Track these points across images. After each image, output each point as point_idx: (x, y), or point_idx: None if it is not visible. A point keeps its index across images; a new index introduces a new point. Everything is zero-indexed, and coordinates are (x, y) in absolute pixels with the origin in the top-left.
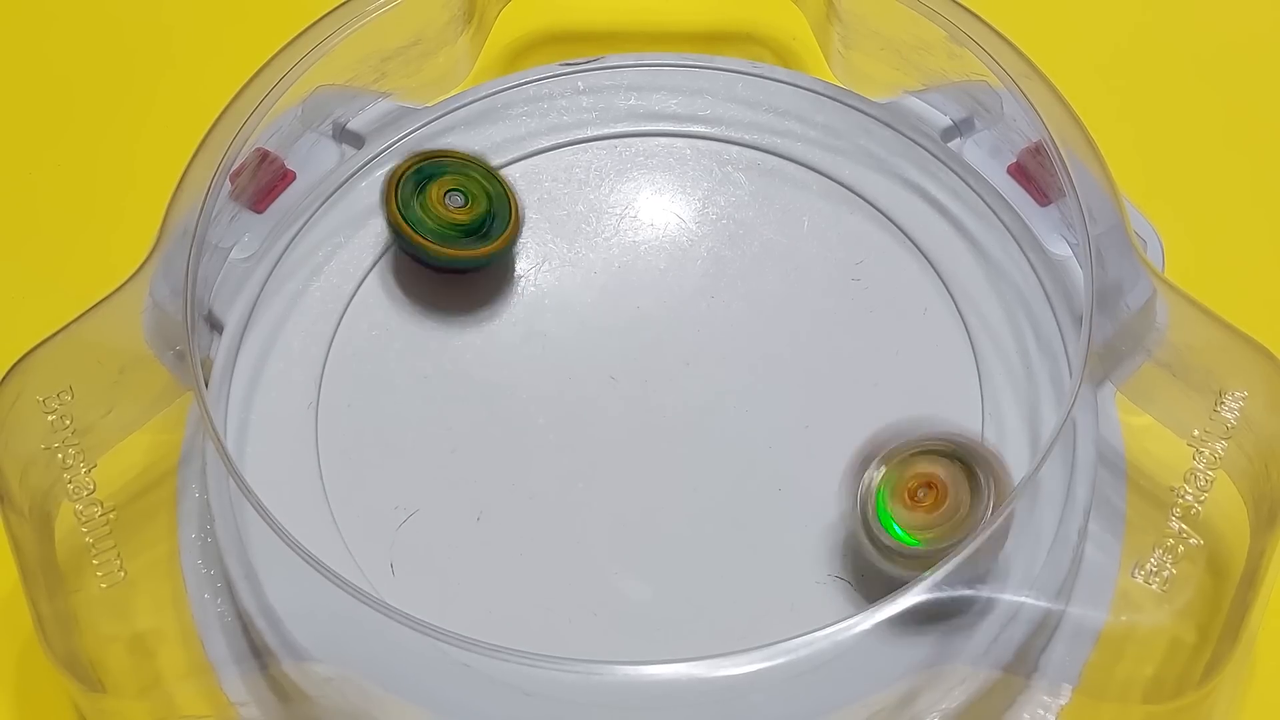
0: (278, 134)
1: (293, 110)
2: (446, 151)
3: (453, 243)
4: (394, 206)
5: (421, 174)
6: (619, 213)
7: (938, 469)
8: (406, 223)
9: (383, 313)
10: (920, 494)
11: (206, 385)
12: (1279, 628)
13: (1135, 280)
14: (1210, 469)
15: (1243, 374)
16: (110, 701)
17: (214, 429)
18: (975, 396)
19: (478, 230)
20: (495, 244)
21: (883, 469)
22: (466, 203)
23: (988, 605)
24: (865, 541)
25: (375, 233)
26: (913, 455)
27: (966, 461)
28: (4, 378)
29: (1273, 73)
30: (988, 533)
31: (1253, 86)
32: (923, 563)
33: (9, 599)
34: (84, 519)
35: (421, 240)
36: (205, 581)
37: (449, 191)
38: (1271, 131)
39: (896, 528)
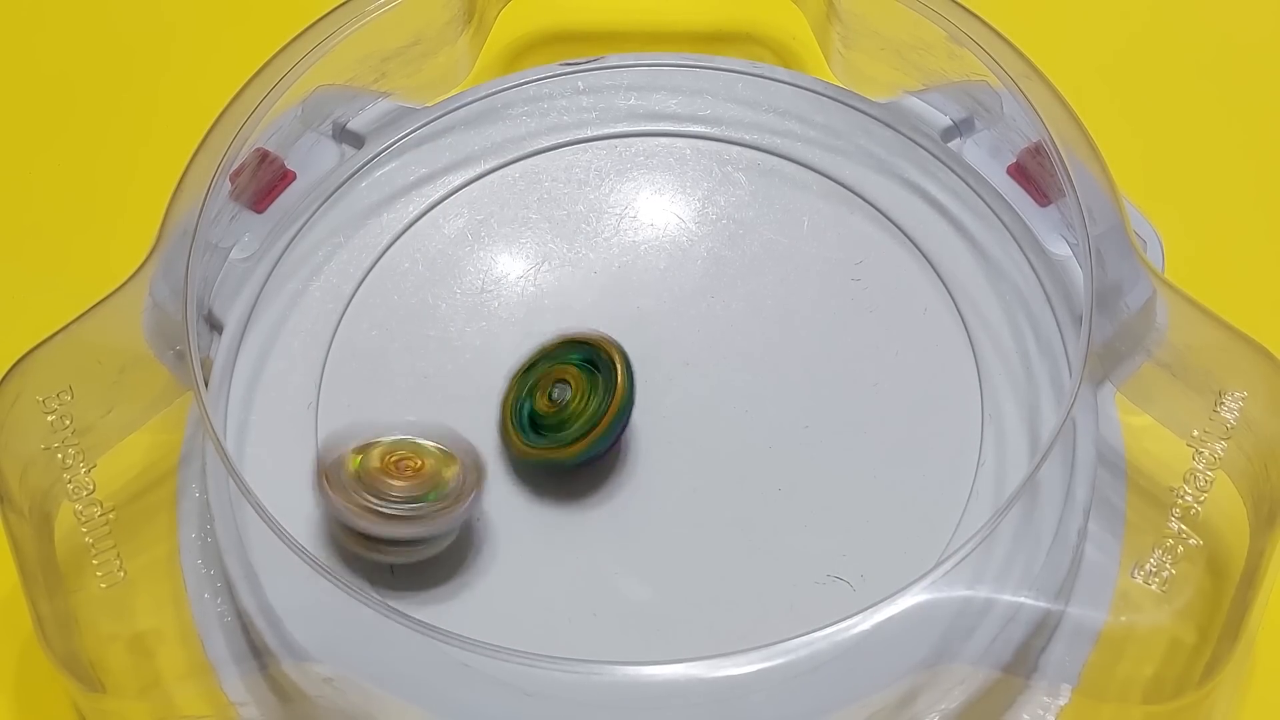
0: (278, 134)
1: (293, 110)
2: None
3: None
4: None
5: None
6: (619, 213)
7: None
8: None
9: (383, 313)
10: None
11: (206, 385)
12: (1279, 628)
13: (1135, 280)
14: (1210, 469)
15: (1242, 374)
16: (110, 701)
17: (214, 429)
18: (975, 396)
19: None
20: (583, 442)
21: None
22: (572, 392)
23: (987, 605)
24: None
25: (375, 233)
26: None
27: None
28: (4, 378)
29: (1273, 73)
30: (987, 534)
31: (1253, 86)
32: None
33: (9, 599)
34: (84, 519)
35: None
36: (205, 581)
37: (556, 383)
38: (1271, 131)
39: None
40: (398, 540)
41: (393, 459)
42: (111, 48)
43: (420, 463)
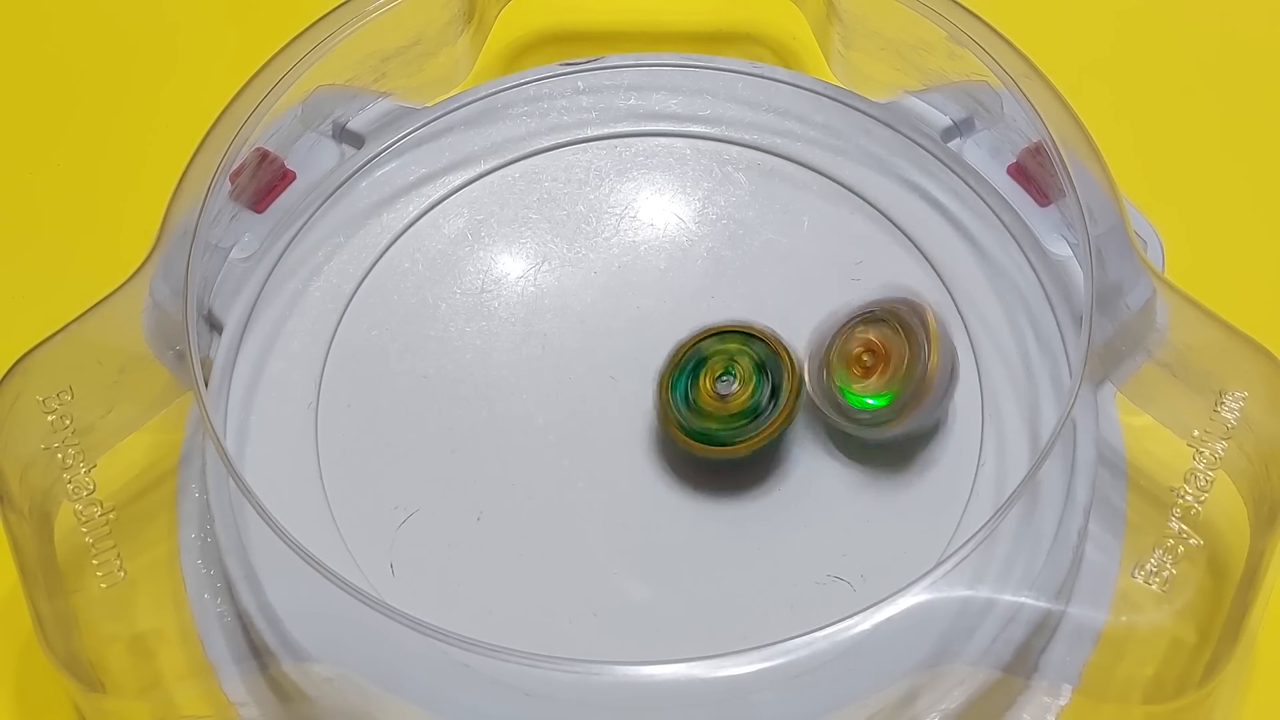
0: (278, 134)
1: (293, 110)
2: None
3: (738, 434)
4: (668, 408)
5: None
6: (619, 213)
7: (871, 334)
8: (681, 429)
9: (383, 313)
10: (866, 360)
11: (206, 385)
12: (1279, 628)
13: (1135, 280)
14: (1210, 469)
15: (1243, 374)
16: (110, 701)
17: (214, 429)
18: (975, 396)
19: (754, 413)
20: (767, 430)
21: (825, 350)
22: (737, 382)
23: (988, 605)
24: (840, 420)
25: (375, 233)
26: (850, 328)
27: (897, 320)
28: (4, 378)
29: (1272, 73)
30: (988, 534)
31: (1252, 87)
32: (887, 420)
33: (9, 599)
34: (84, 519)
35: (692, 444)
36: (205, 582)
37: (720, 376)
38: (1271, 132)
39: (859, 398)
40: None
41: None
42: (112, 48)
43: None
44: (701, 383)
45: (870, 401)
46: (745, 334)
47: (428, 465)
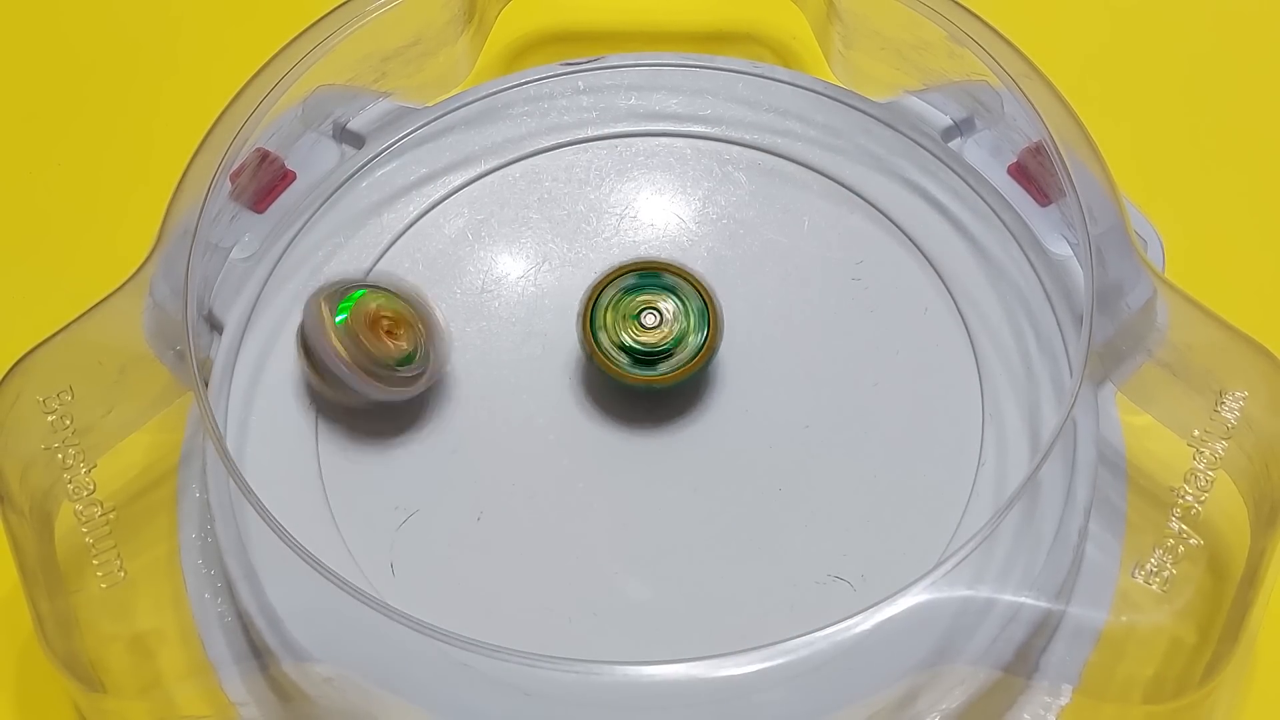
0: (278, 134)
1: (293, 110)
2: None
3: (645, 366)
4: (587, 332)
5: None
6: (619, 213)
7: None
8: (600, 350)
9: None
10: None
11: (206, 385)
12: (1279, 628)
13: (1135, 280)
14: (1210, 469)
15: (1243, 374)
16: (110, 701)
17: (214, 429)
18: (975, 396)
19: (667, 351)
20: (686, 368)
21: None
22: (659, 322)
23: (988, 605)
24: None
25: (375, 232)
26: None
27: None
28: (4, 378)
29: (1272, 73)
30: (988, 534)
31: (1252, 87)
32: None
33: (9, 599)
34: (84, 519)
35: (614, 369)
36: (205, 581)
37: (644, 310)
38: (1271, 132)
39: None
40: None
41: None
42: (112, 48)
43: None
44: (625, 311)
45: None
46: (680, 276)
47: (428, 465)
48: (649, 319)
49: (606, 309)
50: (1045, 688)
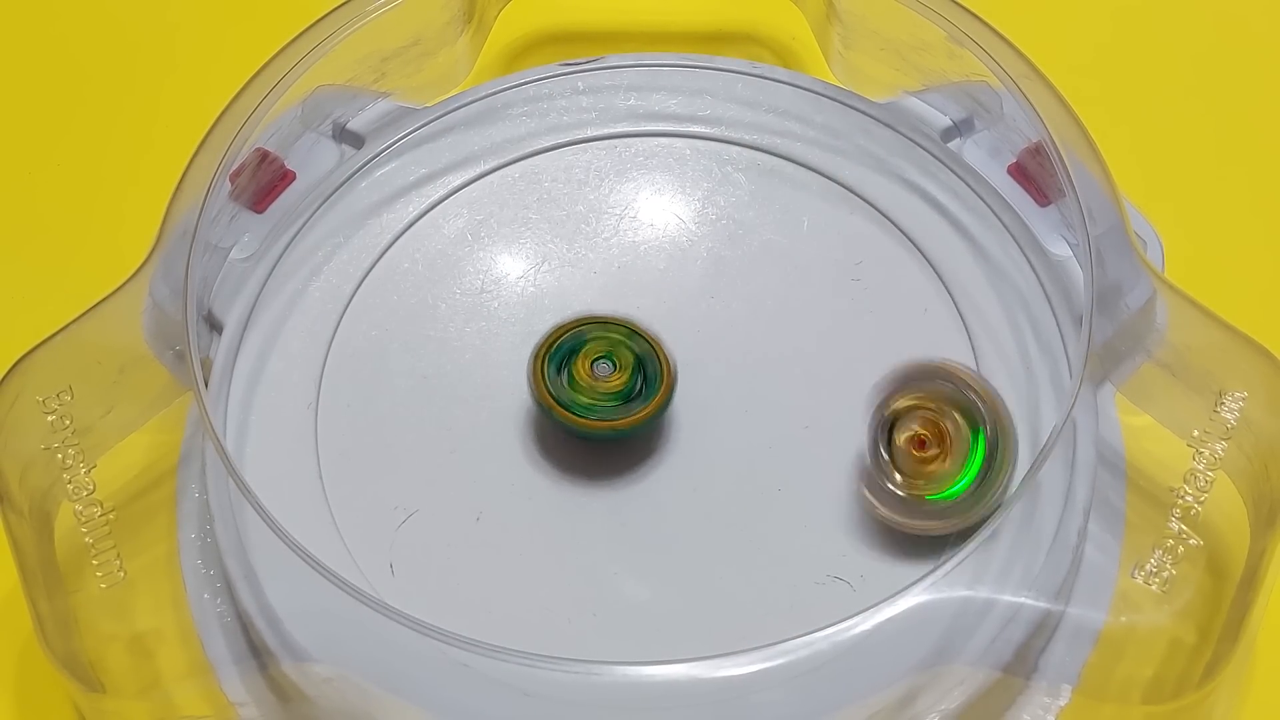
0: (278, 134)
1: (293, 110)
2: (584, 319)
3: (608, 414)
4: (542, 387)
5: (563, 348)
6: (619, 213)
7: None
8: (558, 403)
9: (383, 313)
10: (926, 445)
11: (206, 385)
12: (1279, 628)
13: (1135, 281)
14: (1210, 469)
15: (1242, 374)
16: (110, 701)
17: (213, 429)
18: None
19: (629, 396)
20: (648, 409)
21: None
22: (615, 369)
23: (987, 605)
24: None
25: (375, 233)
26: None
27: (957, 402)
28: (4, 378)
29: (1272, 73)
30: (989, 531)
31: (1252, 87)
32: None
33: (9, 599)
34: (84, 519)
35: (576, 419)
36: (205, 582)
37: (596, 360)
38: (1271, 132)
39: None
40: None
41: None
42: (112, 48)
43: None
44: (579, 362)
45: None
46: (628, 328)
47: (428, 465)
48: (601, 369)
49: (558, 370)
50: (1044, 688)
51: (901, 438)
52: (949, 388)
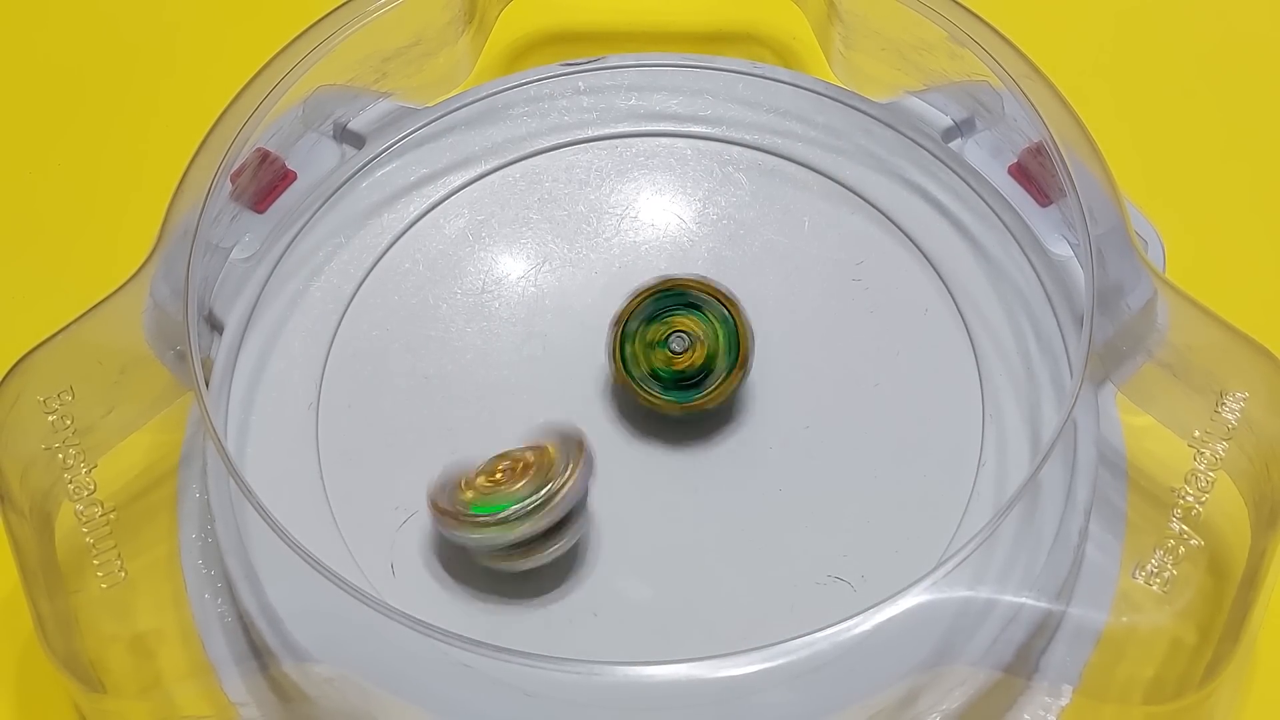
0: (278, 134)
1: (293, 110)
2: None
3: (672, 391)
4: (617, 356)
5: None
6: (620, 213)
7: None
8: (630, 376)
9: (383, 313)
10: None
11: (207, 386)
12: (1279, 629)
13: (1136, 281)
14: (1211, 470)
15: (1243, 375)
16: (110, 702)
17: (214, 429)
18: (975, 396)
19: (696, 378)
20: (712, 394)
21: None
22: (689, 347)
23: (988, 606)
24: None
25: (376, 233)
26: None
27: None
28: (4, 378)
29: (1273, 74)
30: (988, 534)
31: (1253, 88)
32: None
33: (9, 599)
34: (84, 519)
35: (655, 399)
36: (206, 582)
37: (674, 334)
38: (1272, 132)
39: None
40: (530, 540)
41: (494, 473)
42: (112, 48)
43: (518, 463)
44: (656, 356)
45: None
46: (718, 301)
47: (428, 465)
48: (676, 344)
49: (634, 340)
50: (1045, 688)
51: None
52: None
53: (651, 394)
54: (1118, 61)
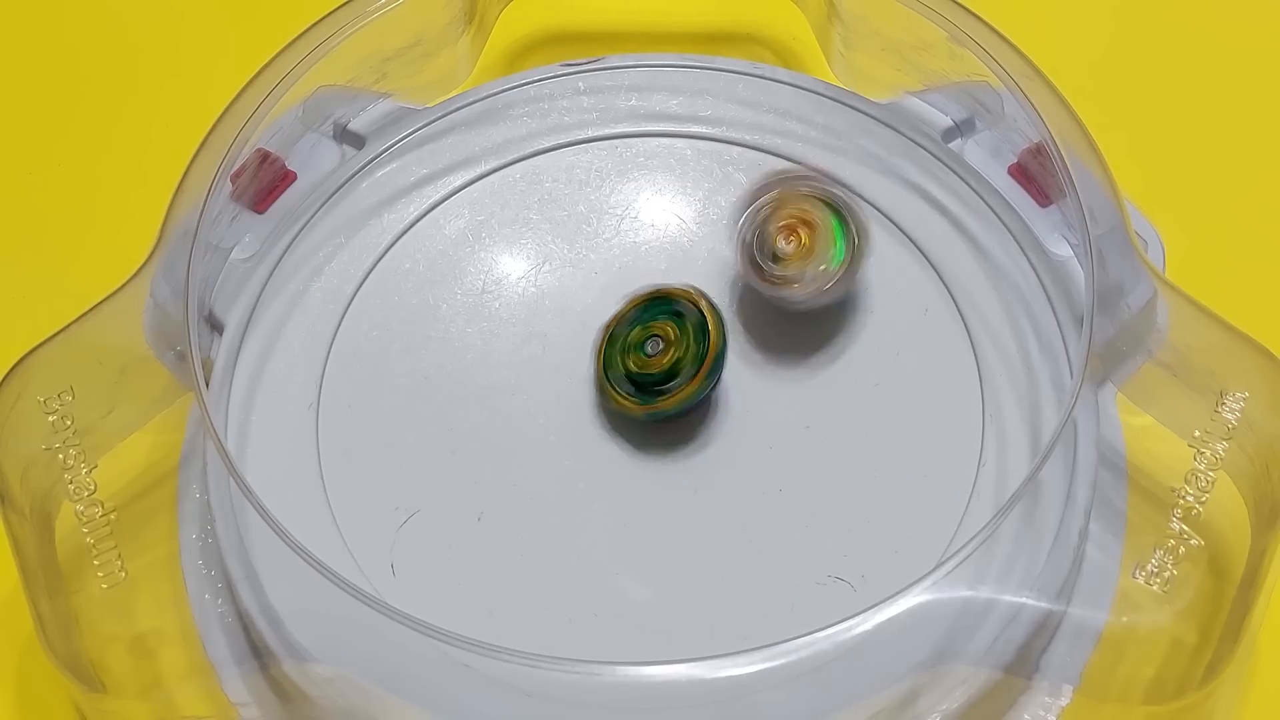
0: (278, 134)
1: (293, 111)
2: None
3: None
4: (600, 358)
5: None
6: (620, 213)
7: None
8: (611, 384)
9: (383, 313)
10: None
11: (207, 386)
12: (1279, 628)
13: (1136, 281)
14: (1211, 470)
15: (1243, 375)
16: (111, 702)
17: (214, 429)
18: (976, 396)
19: (664, 381)
20: (672, 397)
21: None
22: (661, 351)
23: (989, 606)
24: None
25: (376, 233)
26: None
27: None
28: (5, 378)
29: (1272, 74)
30: (989, 534)
31: (1252, 88)
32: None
33: (9, 599)
34: (85, 519)
35: (623, 401)
36: (206, 582)
37: (650, 338)
38: (1271, 132)
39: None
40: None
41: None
42: (113, 48)
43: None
44: (630, 359)
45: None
46: (697, 309)
47: (428, 465)
48: (650, 347)
49: (618, 344)
50: (1046, 688)
51: (773, 227)
52: (806, 186)
53: (620, 395)
54: (1118, 61)
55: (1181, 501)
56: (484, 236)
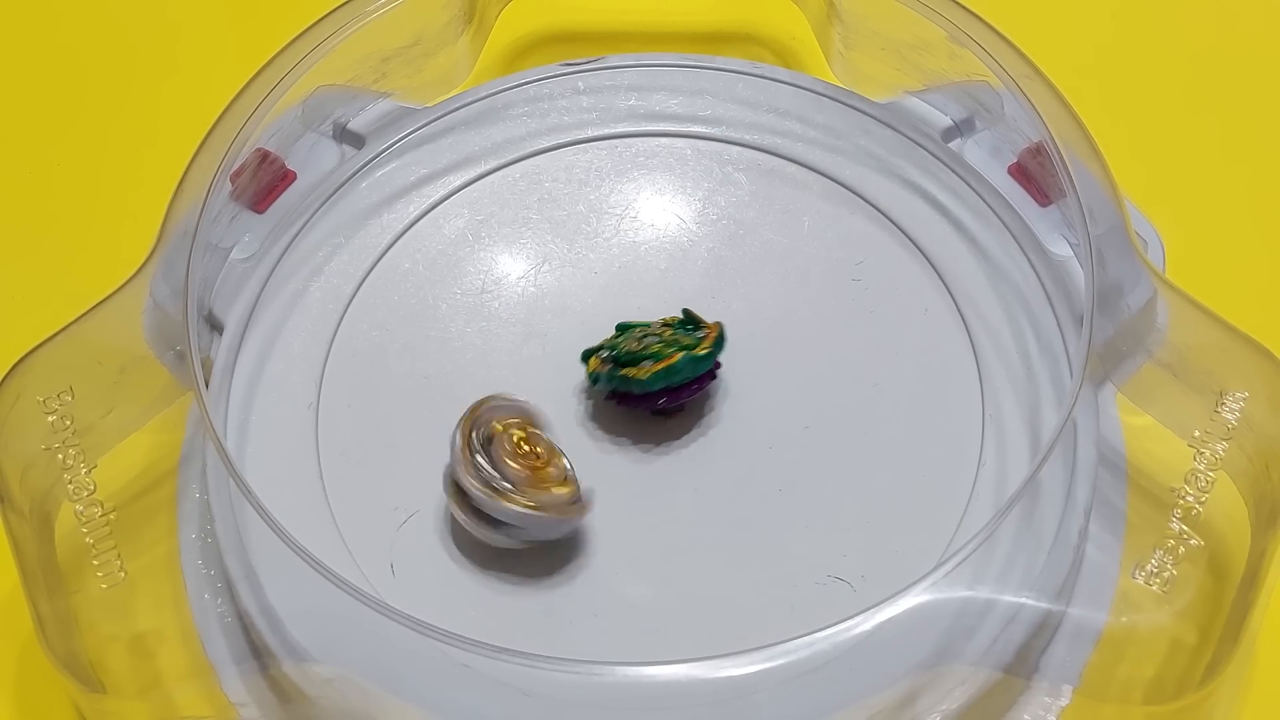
0: (278, 134)
1: (293, 110)
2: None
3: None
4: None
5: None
6: (619, 213)
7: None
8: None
9: (383, 313)
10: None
11: (207, 386)
12: (1279, 629)
13: (1136, 281)
14: (1211, 470)
15: (1243, 375)
16: (110, 702)
17: (214, 429)
18: (975, 396)
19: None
20: (643, 369)
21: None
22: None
23: (988, 606)
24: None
25: (375, 233)
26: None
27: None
28: (4, 378)
29: (1272, 73)
30: (988, 534)
31: (1252, 88)
32: None
33: (9, 599)
34: (84, 519)
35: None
36: (205, 582)
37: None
38: (1271, 132)
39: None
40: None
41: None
42: (113, 49)
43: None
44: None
45: None
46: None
47: (428, 465)
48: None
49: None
50: (1045, 688)
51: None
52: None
53: (597, 360)
54: (1116, 61)
55: (1181, 501)
56: (483, 236)
